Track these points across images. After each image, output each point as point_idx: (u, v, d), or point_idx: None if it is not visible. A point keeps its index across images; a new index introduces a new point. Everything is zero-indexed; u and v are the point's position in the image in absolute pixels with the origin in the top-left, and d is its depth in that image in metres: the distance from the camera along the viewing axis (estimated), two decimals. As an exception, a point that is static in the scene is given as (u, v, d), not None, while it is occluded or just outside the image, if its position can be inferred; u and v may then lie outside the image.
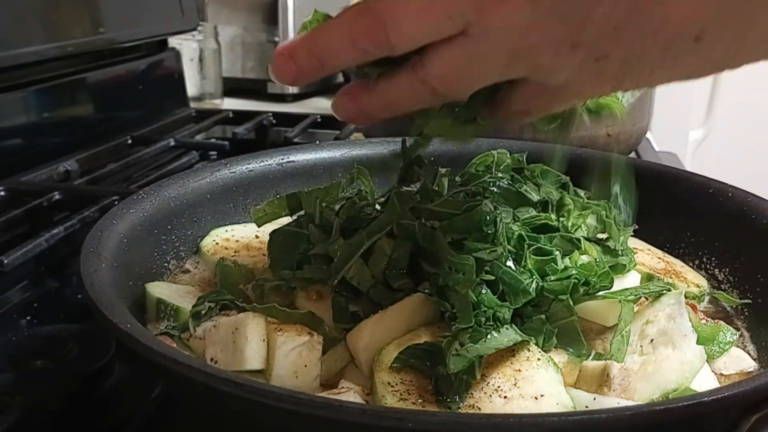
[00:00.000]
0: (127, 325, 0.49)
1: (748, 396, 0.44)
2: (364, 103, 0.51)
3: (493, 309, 0.55)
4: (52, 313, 0.80)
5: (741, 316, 0.67)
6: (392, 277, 0.58)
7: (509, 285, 0.57)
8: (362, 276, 0.58)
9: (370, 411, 0.43)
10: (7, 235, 0.92)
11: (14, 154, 1.10)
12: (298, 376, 0.55)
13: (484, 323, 0.54)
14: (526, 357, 0.54)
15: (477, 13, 0.42)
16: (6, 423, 0.55)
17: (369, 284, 0.58)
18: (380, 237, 0.59)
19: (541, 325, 0.57)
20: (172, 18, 1.47)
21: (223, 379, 0.44)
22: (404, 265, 0.59)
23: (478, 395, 0.52)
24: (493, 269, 0.57)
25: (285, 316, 0.57)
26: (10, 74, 1.09)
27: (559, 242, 0.63)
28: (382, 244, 0.59)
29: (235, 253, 0.73)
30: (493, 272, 0.57)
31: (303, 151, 0.87)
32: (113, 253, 0.62)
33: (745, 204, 0.71)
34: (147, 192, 0.72)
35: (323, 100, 1.94)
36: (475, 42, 0.43)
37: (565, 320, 0.58)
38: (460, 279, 0.55)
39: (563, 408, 0.51)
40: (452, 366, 0.50)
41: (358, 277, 0.58)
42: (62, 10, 1.19)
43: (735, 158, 2.35)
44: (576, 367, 0.56)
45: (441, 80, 0.46)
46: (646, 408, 0.42)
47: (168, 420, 0.61)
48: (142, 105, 1.42)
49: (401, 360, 0.53)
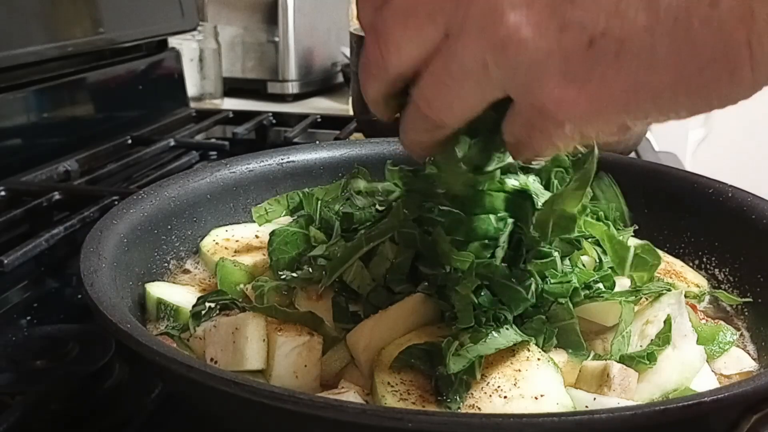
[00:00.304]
0: (127, 325, 0.49)
1: (748, 396, 0.44)
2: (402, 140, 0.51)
3: (492, 310, 0.55)
4: (52, 313, 0.80)
5: (741, 316, 0.67)
6: (394, 282, 0.58)
7: (509, 296, 0.57)
8: (362, 280, 0.59)
9: (370, 411, 0.43)
10: (7, 235, 0.92)
11: (14, 154, 1.10)
12: (298, 376, 0.55)
13: (484, 323, 0.54)
14: (526, 357, 0.54)
15: (455, 4, 0.41)
16: (6, 423, 0.55)
17: (369, 288, 0.58)
18: (383, 241, 0.59)
19: (541, 325, 0.57)
20: (172, 18, 1.47)
21: (223, 379, 0.44)
22: (406, 271, 0.59)
23: (478, 395, 0.52)
24: (492, 284, 0.57)
25: (285, 316, 0.57)
26: (10, 74, 1.09)
27: (558, 243, 0.62)
28: (385, 249, 0.59)
29: (235, 253, 0.73)
30: (492, 288, 0.57)
31: (303, 151, 0.86)
32: (113, 253, 0.62)
33: (745, 204, 0.71)
34: (147, 192, 0.72)
35: (323, 100, 1.94)
36: (453, 44, 0.42)
37: (565, 322, 0.58)
38: (460, 279, 0.55)
39: (563, 408, 0.51)
40: (452, 366, 0.50)
41: (358, 281, 0.59)
42: (62, 10, 1.19)
43: (735, 158, 2.35)
44: (576, 367, 0.56)
45: (429, 103, 0.46)
46: (646, 408, 0.42)
47: (168, 420, 0.61)
48: (142, 105, 1.42)
49: (401, 360, 0.53)
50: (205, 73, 1.76)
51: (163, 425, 0.60)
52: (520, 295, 0.56)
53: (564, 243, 0.62)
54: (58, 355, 0.65)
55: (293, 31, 1.82)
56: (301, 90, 1.90)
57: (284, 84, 1.87)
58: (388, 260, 0.59)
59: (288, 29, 1.82)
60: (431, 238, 0.57)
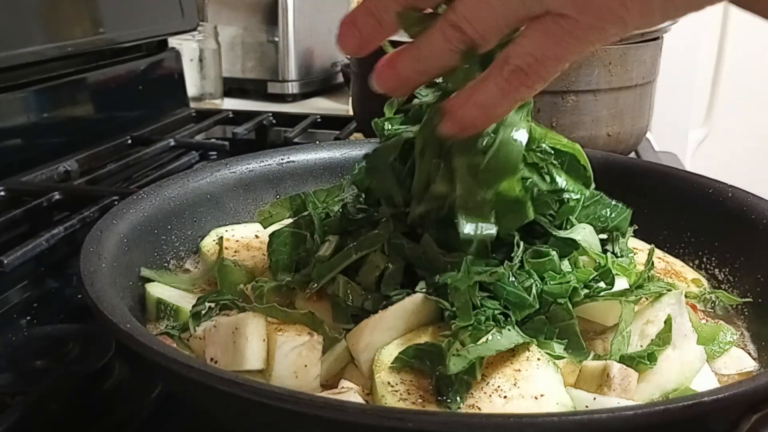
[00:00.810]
0: (127, 325, 0.49)
1: (748, 396, 0.44)
2: (400, 66, 0.53)
3: (492, 310, 0.55)
4: (52, 313, 0.80)
5: (741, 316, 0.67)
6: (388, 288, 0.59)
7: (513, 303, 0.57)
8: (352, 291, 0.59)
9: (370, 411, 0.43)
10: (7, 235, 0.92)
11: (14, 154, 1.10)
12: (298, 376, 0.55)
13: (484, 322, 0.54)
14: (526, 357, 0.54)
15: None
16: (6, 423, 0.55)
17: (360, 299, 0.59)
18: (373, 251, 0.60)
19: (541, 326, 0.57)
20: (172, 18, 1.47)
21: (223, 379, 0.44)
22: (399, 280, 0.59)
23: (478, 395, 0.52)
24: (496, 290, 0.57)
25: (285, 316, 0.57)
26: (10, 74, 1.09)
27: (555, 243, 0.62)
28: (374, 258, 0.60)
29: (235, 253, 0.73)
30: (496, 293, 0.57)
31: (303, 151, 0.87)
32: (113, 253, 0.62)
33: (745, 204, 0.71)
34: (147, 192, 0.72)
35: (323, 100, 1.94)
36: None
37: (565, 322, 0.58)
38: (457, 276, 0.55)
39: (563, 408, 0.51)
40: (453, 366, 0.50)
41: (343, 295, 0.59)
42: (62, 10, 1.19)
43: (735, 158, 2.35)
44: (576, 367, 0.56)
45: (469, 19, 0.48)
46: (646, 408, 0.42)
47: (168, 420, 0.61)
48: (142, 105, 1.42)
49: (401, 360, 0.53)
50: (205, 73, 1.76)
51: (163, 425, 0.61)
52: (526, 302, 0.56)
53: (561, 242, 0.62)
54: (58, 355, 0.65)
55: (293, 31, 1.82)
56: (301, 90, 1.90)
57: (284, 84, 1.87)
58: (378, 268, 0.59)
59: (288, 29, 1.82)
60: (421, 247, 0.58)
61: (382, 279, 0.59)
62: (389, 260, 0.59)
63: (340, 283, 0.59)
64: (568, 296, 0.58)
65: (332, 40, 2.22)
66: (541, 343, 0.56)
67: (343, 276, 0.60)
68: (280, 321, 0.57)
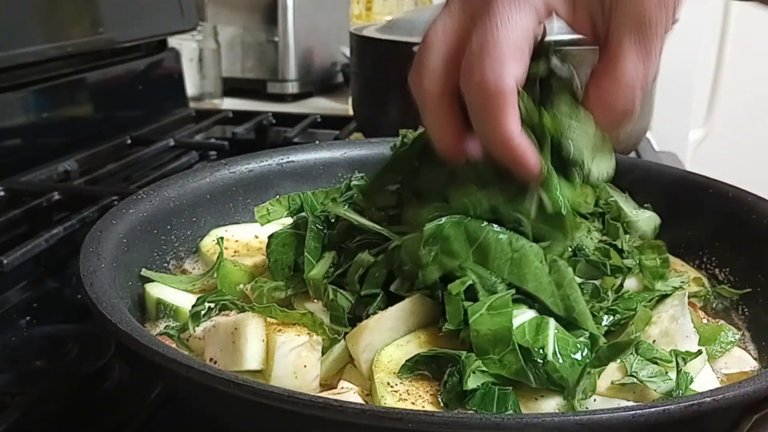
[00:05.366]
0: (127, 325, 0.49)
1: (748, 396, 0.44)
2: None
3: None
4: (52, 313, 0.80)
5: (742, 316, 0.67)
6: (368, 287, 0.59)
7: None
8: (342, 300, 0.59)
9: (370, 411, 0.43)
10: (7, 235, 0.92)
11: (14, 154, 1.10)
12: (298, 376, 0.54)
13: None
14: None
15: None
16: (6, 423, 0.55)
17: (349, 306, 0.59)
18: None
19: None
20: (172, 18, 1.47)
21: (223, 379, 0.44)
22: (382, 281, 0.59)
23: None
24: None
25: (284, 316, 0.57)
26: (10, 74, 1.09)
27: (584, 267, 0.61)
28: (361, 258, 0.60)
29: (235, 253, 0.73)
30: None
31: (303, 151, 0.86)
32: (113, 253, 0.62)
33: (745, 204, 0.71)
34: (146, 192, 0.72)
35: (323, 100, 1.94)
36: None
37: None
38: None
39: (563, 408, 0.51)
40: (471, 383, 0.50)
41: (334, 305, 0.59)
42: (62, 10, 1.19)
43: (735, 158, 2.35)
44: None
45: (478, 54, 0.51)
46: (646, 408, 0.42)
47: (168, 420, 0.61)
48: (141, 105, 1.42)
49: (407, 368, 0.53)
50: (204, 73, 1.76)
51: (163, 425, 0.61)
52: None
53: (590, 266, 0.61)
54: (58, 355, 0.65)
55: (293, 31, 1.82)
56: (301, 90, 1.90)
57: (284, 84, 1.87)
58: (363, 267, 0.59)
59: (288, 29, 1.82)
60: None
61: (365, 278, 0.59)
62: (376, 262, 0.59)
63: (329, 293, 0.60)
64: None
65: (332, 39, 2.22)
66: None
67: (332, 286, 0.61)
68: (279, 321, 0.57)
